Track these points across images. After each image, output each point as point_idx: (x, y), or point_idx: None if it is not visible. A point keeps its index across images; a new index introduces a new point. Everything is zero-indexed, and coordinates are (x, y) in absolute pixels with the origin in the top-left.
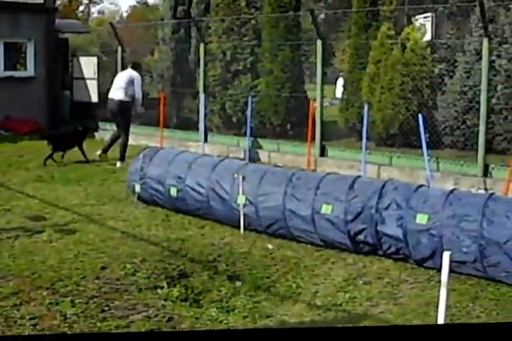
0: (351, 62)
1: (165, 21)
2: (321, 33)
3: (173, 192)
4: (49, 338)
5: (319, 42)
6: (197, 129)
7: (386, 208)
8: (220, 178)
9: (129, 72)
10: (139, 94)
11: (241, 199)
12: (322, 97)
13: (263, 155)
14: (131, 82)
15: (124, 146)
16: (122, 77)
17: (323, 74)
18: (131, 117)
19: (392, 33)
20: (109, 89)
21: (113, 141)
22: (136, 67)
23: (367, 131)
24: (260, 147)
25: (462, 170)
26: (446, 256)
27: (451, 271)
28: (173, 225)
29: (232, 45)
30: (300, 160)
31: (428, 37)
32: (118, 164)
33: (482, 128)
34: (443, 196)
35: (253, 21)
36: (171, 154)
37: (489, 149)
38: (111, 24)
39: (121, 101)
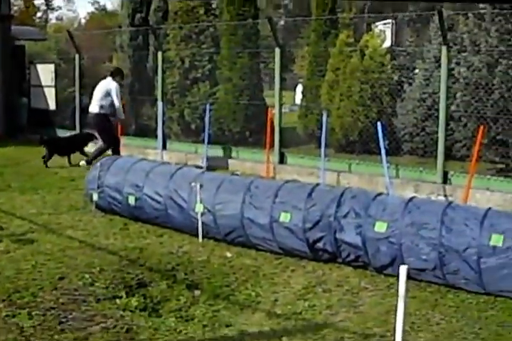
0: (310, 70)
1: (123, 29)
2: (279, 41)
3: (131, 200)
4: None
5: (277, 51)
6: (156, 136)
7: (345, 216)
8: (178, 187)
9: (106, 83)
10: (117, 104)
11: (199, 208)
12: (281, 105)
13: (222, 162)
14: (107, 94)
15: (100, 151)
16: (99, 89)
17: (282, 81)
18: (109, 128)
19: (351, 40)
20: None
21: (99, 152)
22: (115, 74)
23: (326, 139)
24: (229, 155)
25: (422, 177)
26: (403, 269)
27: (410, 278)
28: (132, 234)
29: (190, 52)
30: (259, 167)
31: (388, 43)
32: (82, 162)
33: (441, 135)
34: (402, 204)
35: (212, 29)
36: (129, 163)
37: (449, 156)
38: (68, 31)
39: (96, 115)
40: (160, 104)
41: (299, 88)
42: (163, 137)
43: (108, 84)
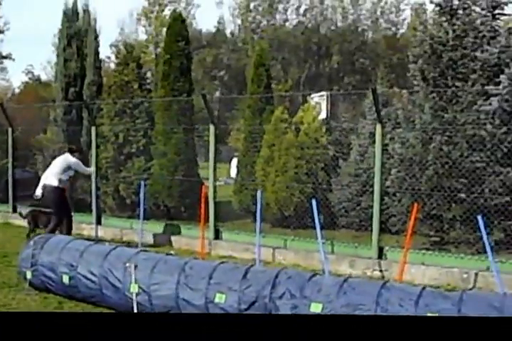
0: (245, 145)
1: (56, 103)
2: (214, 118)
3: (66, 279)
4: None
5: (212, 128)
6: (91, 211)
7: (280, 297)
8: (112, 266)
9: (65, 158)
10: (85, 172)
11: (134, 288)
12: (215, 181)
13: (158, 239)
14: (67, 168)
15: (53, 227)
16: (56, 164)
17: (217, 155)
18: (65, 203)
19: (286, 116)
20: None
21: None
22: (73, 151)
23: (261, 215)
24: (178, 232)
25: (357, 252)
26: None
27: None
28: None
29: (124, 127)
30: (195, 243)
31: (323, 115)
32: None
33: (376, 212)
34: (337, 285)
35: (146, 104)
36: (63, 242)
37: (384, 230)
38: (0, 104)
39: (55, 188)
40: (94, 179)
41: (234, 161)
42: (97, 212)
43: (67, 159)
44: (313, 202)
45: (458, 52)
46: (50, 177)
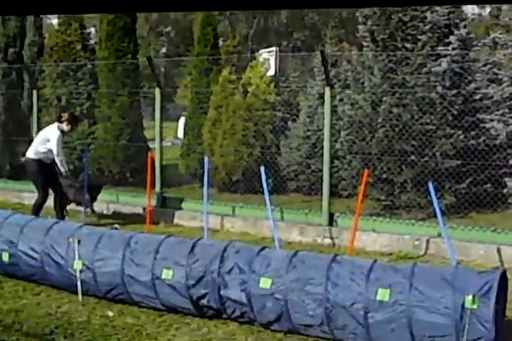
0: (192, 107)
1: None
2: (159, 81)
3: (5, 257)
4: None
5: (158, 91)
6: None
7: (228, 272)
8: (54, 242)
9: (48, 130)
10: (56, 155)
11: (77, 265)
12: (161, 149)
13: (100, 207)
14: (45, 141)
15: (36, 206)
16: (39, 135)
17: (162, 118)
18: (41, 175)
19: (234, 77)
20: None
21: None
22: (61, 120)
23: (208, 182)
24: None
25: (307, 219)
26: None
27: (298, 333)
28: (6, 294)
29: (67, 90)
30: (140, 211)
31: (272, 72)
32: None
33: (326, 176)
34: (286, 259)
35: (89, 65)
36: (1, 217)
37: (334, 194)
38: None
39: (29, 160)
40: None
41: (182, 120)
42: None
43: (47, 132)
44: (262, 168)
45: (407, 13)
46: (29, 148)
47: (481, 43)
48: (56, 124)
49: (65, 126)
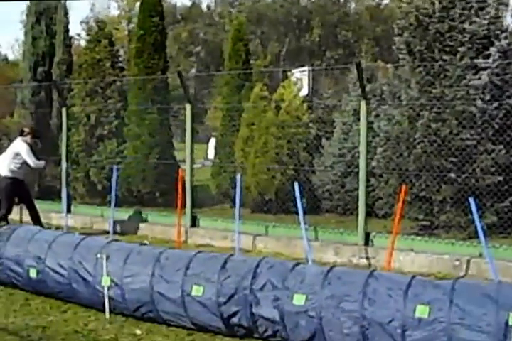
0: (224, 125)
1: (24, 84)
2: (190, 97)
3: (33, 273)
4: None
5: (188, 107)
6: (60, 199)
7: (261, 289)
8: (83, 258)
9: (14, 144)
10: (32, 164)
11: (105, 281)
12: (192, 167)
13: (130, 227)
14: (15, 155)
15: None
16: (8, 149)
17: (193, 136)
18: (11, 193)
19: (266, 93)
20: None
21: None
22: (23, 134)
23: (240, 200)
24: (145, 219)
25: (342, 239)
26: None
27: None
28: (34, 310)
29: (96, 108)
30: (170, 231)
31: (305, 92)
32: None
33: (362, 195)
34: (321, 275)
35: (118, 83)
36: (30, 233)
37: (370, 214)
38: None
39: (2, 178)
40: (64, 164)
41: (212, 142)
42: (67, 200)
43: (14, 147)
44: (296, 185)
45: (445, 24)
46: (0, 166)
47: None
48: (20, 138)
49: (28, 139)
